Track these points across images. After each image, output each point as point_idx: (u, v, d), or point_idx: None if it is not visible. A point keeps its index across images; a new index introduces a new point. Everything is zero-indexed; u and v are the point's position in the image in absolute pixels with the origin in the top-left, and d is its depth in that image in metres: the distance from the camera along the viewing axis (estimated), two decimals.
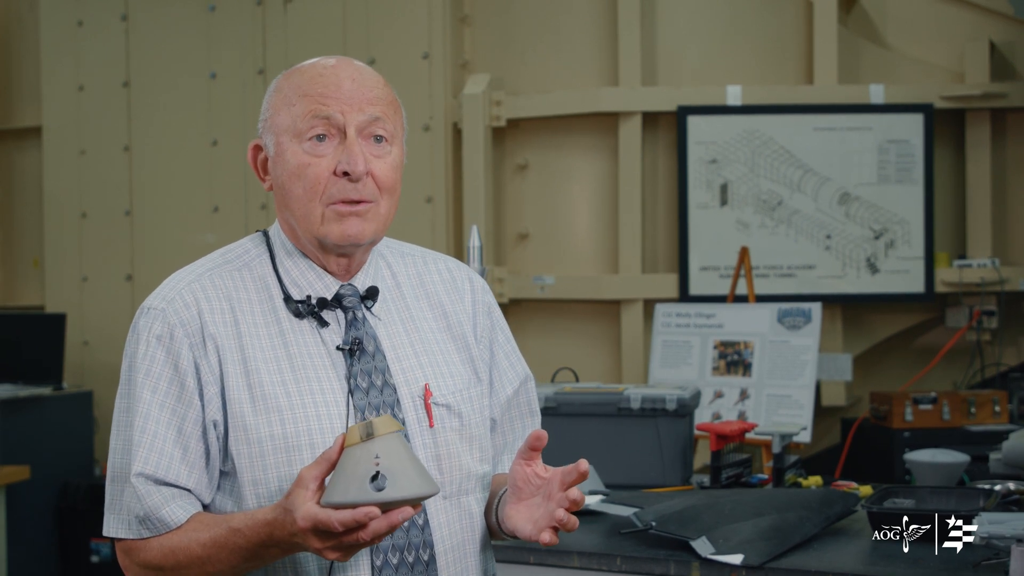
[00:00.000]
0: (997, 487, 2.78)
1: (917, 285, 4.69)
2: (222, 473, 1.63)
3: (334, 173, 1.62)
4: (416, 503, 1.47)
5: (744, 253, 4.36)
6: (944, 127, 4.79)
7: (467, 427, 1.72)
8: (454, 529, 1.69)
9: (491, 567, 1.80)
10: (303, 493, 1.46)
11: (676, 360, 4.30)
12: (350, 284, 1.70)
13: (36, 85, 5.92)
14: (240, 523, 1.53)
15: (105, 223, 5.72)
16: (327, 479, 1.48)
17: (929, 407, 4.14)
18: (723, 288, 4.59)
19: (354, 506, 1.42)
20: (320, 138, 1.62)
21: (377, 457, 1.44)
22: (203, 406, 1.61)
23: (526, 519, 1.63)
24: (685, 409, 3.21)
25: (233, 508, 1.61)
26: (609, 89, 4.78)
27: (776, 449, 3.02)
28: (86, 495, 5.24)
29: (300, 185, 1.63)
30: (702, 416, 4.09)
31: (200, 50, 5.54)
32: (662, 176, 4.85)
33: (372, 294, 1.71)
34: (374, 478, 1.43)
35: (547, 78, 4.90)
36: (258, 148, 1.71)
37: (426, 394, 1.68)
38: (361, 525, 1.42)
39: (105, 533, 1.63)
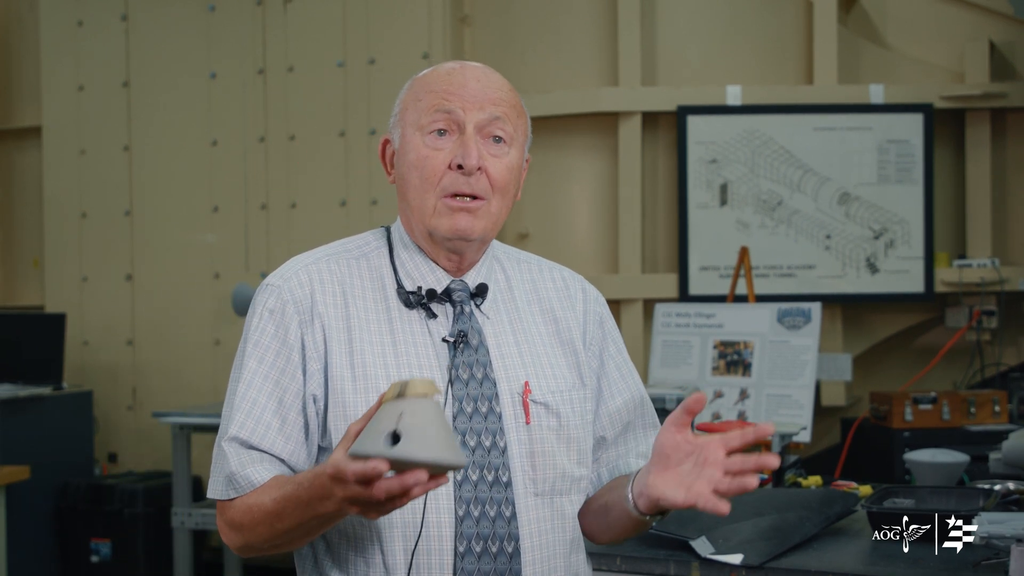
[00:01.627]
0: (997, 487, 2.77)
1: (917, 285, 4.69)
2: (321, 449, 1.67)
3: (449, 166, 1.67)
4: (434, 471, 1.42)
5: (744, 253, 4.35)
6: (944, 127, 4.79)
7: (565, 428, 1.73)
8: (544, 527, 1.70)
9: (583, 571, 1.80)
10: (344, 443, 1.48)
11: (676, 360, 4.29)
12: (461, 280, 1.75)
13: (36, 85, 5.93)
14: (304, 477, 1.55)
15: (105, 223, 5.72)
16: None
17: (929, 407, 4.14)
18: (723, 288, 4.58)
19: (367, 458, 1.40)
20: (440, 133, 1.69)
21: (401, 415, 1.42)
22: (305, 380, 1.66)
23: (676, 484, 1.58)
24: None
25: None
26: (609, 89, 4.78)
27: (776, 449, 3.02)
28: (86, 495, 5.24)
29: (417, 176, 1.69)
30: (702, 416, 4.08)
31: (200, 50, 5.54)
32: (662, 176, 4.85)
33: (481, 291, 1.75)
34: (393, 435, 1.41)
35: (547, 78, 4.89)
36: (387, 143, 1.78)
37: (525, 391, 1.71)
38: (372, 479, 1.41)
39: (207, 495, 1.70)
